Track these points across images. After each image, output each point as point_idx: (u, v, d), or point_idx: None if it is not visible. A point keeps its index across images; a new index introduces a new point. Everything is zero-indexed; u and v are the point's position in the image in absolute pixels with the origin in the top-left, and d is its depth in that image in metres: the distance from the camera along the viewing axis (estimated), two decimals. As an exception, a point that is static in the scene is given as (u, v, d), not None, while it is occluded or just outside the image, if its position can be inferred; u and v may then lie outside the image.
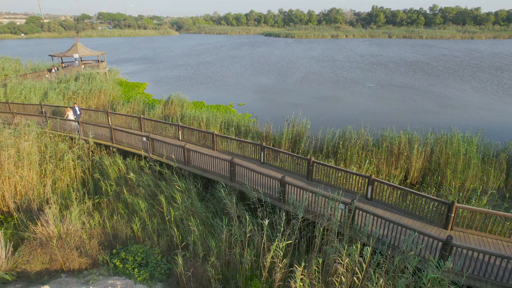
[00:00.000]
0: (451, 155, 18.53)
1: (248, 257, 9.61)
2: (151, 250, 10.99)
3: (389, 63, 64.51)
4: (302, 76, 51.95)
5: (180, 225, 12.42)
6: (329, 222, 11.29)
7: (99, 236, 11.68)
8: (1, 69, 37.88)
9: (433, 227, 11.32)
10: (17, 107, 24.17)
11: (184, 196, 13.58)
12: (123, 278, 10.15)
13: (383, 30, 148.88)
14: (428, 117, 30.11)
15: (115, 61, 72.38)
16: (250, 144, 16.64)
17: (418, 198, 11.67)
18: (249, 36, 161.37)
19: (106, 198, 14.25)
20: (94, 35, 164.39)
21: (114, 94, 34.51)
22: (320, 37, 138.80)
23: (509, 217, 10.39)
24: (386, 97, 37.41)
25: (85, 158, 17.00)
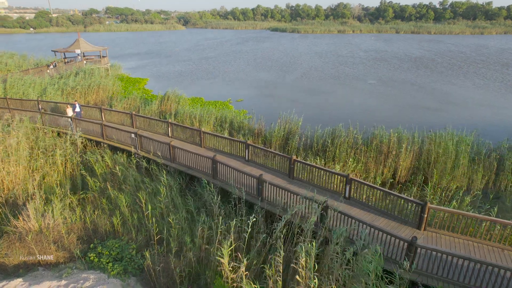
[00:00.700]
0: (441, 154, 18.45)
1: (216, 253, 9.79)
2: (127, 245, 11.26)
3: (393, 59, 63.81)
4: (303, 72, 51.75)
5: (160, 220, 12.66)
6: (304, 220, 11.44)
7: (79, 230, 11.99)
8: (4, 64, 38.52)
9: (407, 227, 11.37)
10: (14, 102, 24.64)
11: (166, 192, 13.81)
12: (97, 272, 10.44)
13: (390, 25, 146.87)
14: (426, 114, 29.84)
15: (120, 56, 72.94)
16: (236, 141, 16.78)
17: (393, 198, 11.70)
18: (255, 31, 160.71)
19: (91, 194, 14.56)
20: (102, 29, 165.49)
21: (113, 90, 34.91)
22: (326, 32, 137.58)
23: (479, 218, 10.39)
24: (385, 94, 37.13)
25: (75, 154, 17.34)
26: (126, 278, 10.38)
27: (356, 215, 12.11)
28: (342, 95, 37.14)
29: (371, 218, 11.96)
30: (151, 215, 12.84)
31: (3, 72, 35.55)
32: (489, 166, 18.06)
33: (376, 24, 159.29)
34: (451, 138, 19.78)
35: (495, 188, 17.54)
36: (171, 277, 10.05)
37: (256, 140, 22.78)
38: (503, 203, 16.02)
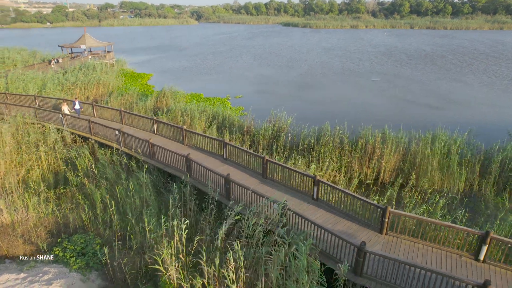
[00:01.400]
0: (426, 156, 18.12)
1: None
2: (92, 240, 11.59)
3: (402, 55, 62.51)
4: (308, 68, 51.33)
5: (131, 216, 12.93)
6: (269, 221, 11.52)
7: (50, 225, 12.39)
8: (11, 60, 39.62)
9: (369, 231, 11.29)
10: (13, 97, 25.40)
11: (139, 189, 14.08)
12: (60, 266, 10.81)
13: (405, 21, 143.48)
14: (424, 113, 29.24)
15: (129, 50, 73.87)
16: (214, 140, 16.90)
17: (357, 201, 11.62)
18: (267, 26, 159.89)
19: (70, 189, 14.97)
20: (115, 24, 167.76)
21: (113, 85, 35.48)
22: (339, 28, 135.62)
23: (437, 224, 10.23)
24: (386, 92, 36.52)
25: (61, 149, 17.80)
26: (88, 272, 10.70)
27: (321, 217, 12.13)
28: (342, 92, 36.71)
29: (335, 220, 11.92)
30: (124, 211, 13.17)
31: (9, 67, 36.61)
32: (472, 169, 17.64)
33: (390, 19, 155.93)
34: (439, 139, 19.40)
35: (479, 192, 17.12)
36: (128, 273, 10.32)
37: (244, 137, 22.85)
38: (479, 207, 15.66)
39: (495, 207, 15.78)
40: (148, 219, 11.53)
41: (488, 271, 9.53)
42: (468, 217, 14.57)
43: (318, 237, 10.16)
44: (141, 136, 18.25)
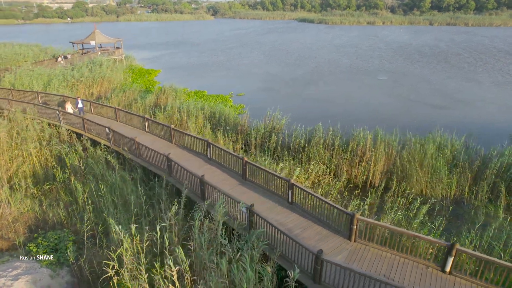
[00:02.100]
0: (415, 160, 17.63)
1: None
2: (66, 237, 11.87)
3: (415, 52, 60.83)
4: (315, 66, 50.71)
5: (107, 214, 13.16)
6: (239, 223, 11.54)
7: (29, 220, 12.78)
8: (23, 56, 40.81)
9: (339, 237, 11.11)
10: (18, 93, 26.20)
11: (125, 187, 14.30)
12: (32, 261, 11.13)
13: (424, 17, 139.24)
14: (426, 114, 28.43)
15: (142, 45, 74.83)
16: (199, 139, 16.96)
17: (328, 206, 11.44)
18: (282, 22, 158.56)
19: (56, 185, 15.36)
20: (133, 19, 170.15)
21: (118, 82, 36.07)
22: (355, 24, 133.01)
23: (404, 233, 9.96)
24: (392, 91, 35.69)
25: (55, 145, 18.27)
26: (58, 268, 10.98)
27: (293, 221, 12.02)
28: (346, 91, 36.10)
29: (307, 224, 11.79)
30: (101, 208, 13.43)
31: (20, 63, 37.74)
32: (463, 175, 17.07)
33: (410, 15, 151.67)
34: (432, 142, 18.86)
35: (471, 199, 16.54)
36: (88, 271, 10.51)
37: (238, 137, 22.83)
38: (468, 215, 15.16)
39: (487, 215, 15.22)
40: (119, 217, 11.72)
41: (453, 284, 9.24)
42: (456, 225, 14.18)
43: (281, 241, 10.08)
44: (130, 134, 18.55)
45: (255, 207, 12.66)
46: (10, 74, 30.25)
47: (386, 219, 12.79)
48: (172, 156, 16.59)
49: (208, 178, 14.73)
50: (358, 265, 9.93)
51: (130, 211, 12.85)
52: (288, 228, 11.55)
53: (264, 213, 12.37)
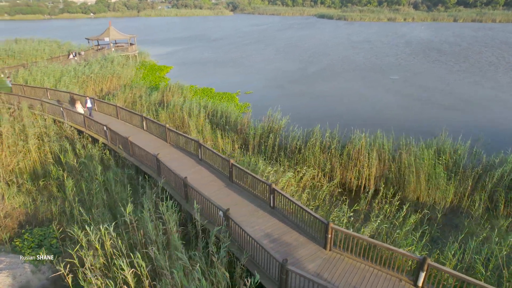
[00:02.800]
0: (412, 166, 17.11)
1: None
2: (51, 233, 12.25)
3: (433, 51, 58.85)
4: (329, 63, 49.96)
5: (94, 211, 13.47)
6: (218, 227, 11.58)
7: (21, 216, 13.25)
8: (40, 52, 42.14)
9: (314, 245, 10.96)
10: (30, 90, 27.11)
11: (117, 185, 14.59)
12: (17, 257, 11.55)
13: (449, 13, 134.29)
14: (436, 116, 27.50)
15: (158, 41, 75.83)
16: (190, 140, 17.07)
17: (305, 213, 11.31)
18: (301, 18, 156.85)
19: (50, 181, 15.86)
20: (153, 14, 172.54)
21: (128, 78, 36.73)
22: (375, 20, 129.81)
23: (378, 245, 9.72)
24: (402, 92, 34.73)
25: (55, 141, 18.85)
26: (40, 264, 11.35)
27: (272, 226, 11.95)
28: (355, 90, 35.41)
29: (285, 230, 11.70)
30: (89, 206, 13.78)
31: (37, 59, 39.02)
32: (463, 182, 16.46)
33: (433, 11, 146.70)
34: (433, 147, 18.26)
35: (469, 208, 15.93)
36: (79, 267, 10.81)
37: (238, 136, 22.85)
38: (462, 225, 14.62)
39: (483, 227, 14.64)
40: (102, 217, 11.98)
41: (425, 300, 8.97)
42: (448, 235, 13.72)
43: (252, 247, 10.06)
44: (129, 132, 18.93)
45: (237, 210, 12.75)
46: (24, 70, 31.30)
47: (370, 227, 12.53)
48: (165, 156, 16.88)
49: (197, 179, 14.90)
50: (329, 275, 9.79)
51: (114, 210, 13.11)
52: (266, 233, 11.51)
53: (245, 216, 12.39)
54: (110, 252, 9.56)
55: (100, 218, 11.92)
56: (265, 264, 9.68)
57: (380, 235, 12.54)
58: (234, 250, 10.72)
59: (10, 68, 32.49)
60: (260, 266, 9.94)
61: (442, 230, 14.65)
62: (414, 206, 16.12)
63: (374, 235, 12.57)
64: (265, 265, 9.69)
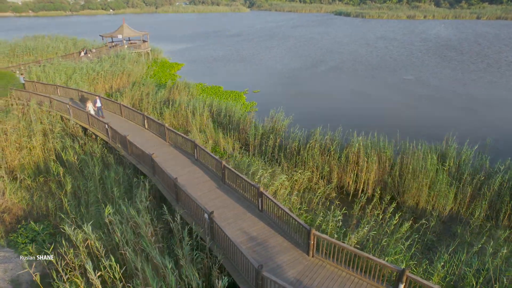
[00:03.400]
0: (413, 170, 16.73)
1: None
2: (45, 229, 12.64)
3: (451, 50, 57.12)
4: (339, 62, 49.27)
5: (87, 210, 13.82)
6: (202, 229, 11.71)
7: (19, 211, 13.73)
8: (56, 48, 43.25)
9: (298, 251, 10.91)
10: (42, 86, 27.89)
11: (113, 184, 14.92)
12: (12, 251, 12.00)
13: (472, 10, 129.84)
14: (445, 119, 26.75)
15: (173, 38, 76.58)
16: (187, 140, 17.20)
17: (289, 218, 11.25)
18: (318, 15, 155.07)
19: (49, 178, 16.33)
20: (170, 11, 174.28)
21: (139, 75, 37.27)
22: (394, 18, 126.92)
23: (357, 253, 9.58)
24: (414, 93, 33.88)
25: (59, 138, 19.37)
26: (34, 259, 11.73)
27: (258, 230, 11.96)
28: (364, 91, 34.81)
29: (270, 234, 11.68)
30: (85, 204, 14.12)
31: (51, 55, 40.08)
32: (464, 189, 15.99)
33: (456, 8, 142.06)
34: (433, 152, 17.79)
35: (468, 216, 15.47)
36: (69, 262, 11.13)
37: (240, 136, 22.90)
38: (457, 233, 14.22)
39: (478, 236, 14.21)
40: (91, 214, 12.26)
41: (403, 312, 8.80)
42: (444, 244, 13.41)
43: (232, 251, 10.10)
44: (130, 130, 19.27)
45: (226, 212, 12.83)
46: (37, 67, 32.22)
47: (358, 233, 12.35)
48: (163, 155, 17.12)
49: (190, 179, 15.06)
50: (309, 281, 9.73)
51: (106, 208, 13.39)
52: (251, 237, 11.53)
53: (232, 219, 12.45)
54: (92, 251, 9.79)
55: (91, 217, 12.20)
56: (243, 269, 9.72)
57: (369, 242, 12.35)
58: (218, 252, 10.79)
59: (25, 65, 33.51)
60: (240, 270, 9.97)
61: (438, 239, 14.32)
62: (412, 212, 15.80)
63: (362, 242, 12.40)
64: (243, 270, 9.72)
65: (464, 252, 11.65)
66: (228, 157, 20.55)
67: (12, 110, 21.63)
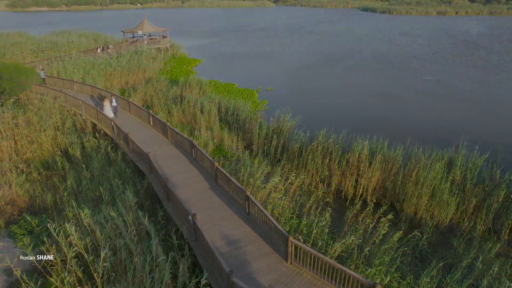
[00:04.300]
0: (414, 178, 16.23)
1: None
2: (43, 222, 13.26)
3: (480, 49, 54.45)
4: (359, 60, 48.17)
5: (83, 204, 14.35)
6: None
7: (23, 203, 14.49)
8: (75, 44, 44.80)
9: (277, 257, 10.90)
10: (60, 81, 29.09)
11: (112, 180, 15.45)
12: (11, 241, 12.71)
13: (509, 6, 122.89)
14: (461, 124, 25.65)
15: (195, 33, 77.44)
16: (186, 139, 17.44)
17: (271, 224, 11.24)
18: (344, 10, 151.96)
19: (54, 172, 17.07)
20: (196, 5, 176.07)
21: (155, 72, 38.02)
22: (423, 14, 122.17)
23: (332, 264, 9.46)
24: (432, 95, 32.70)
25: (68, 133, 20.19)
26: (30, 250, 12.39)
27: (241, 233, 12.03)
28: (380, 91, 33.91)
29: (252, 239, 11.73)
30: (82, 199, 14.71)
31: (73, 50, 41.55)
32: (467, 200, 15.35)
33: (492, 3, 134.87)
34: (440, 159, 17.17)
35: (467, 228, 14.85)
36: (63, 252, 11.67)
37: (245, 136, 22.97)
38: (455, 247, 13.69)
39: (479, 249, 13.66)
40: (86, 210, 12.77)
41: (373, 326, 8.64)
42: (439, 256, 13.02)
43: (210, 252, 10.25)
44: (135, 128, 19.83)
45: (213, 214, 13.01)
46: (58, 62, 33.57)
47: (347, 241, 12.13)
48: (163, 153, 17.51)
49: (185, 178, 15.34)
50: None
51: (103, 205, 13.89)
52: (234, 240, 11.63)
53: (218, 221, 12.60)
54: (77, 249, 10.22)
55: (84, 213, 12.69)
56: (218, 272, 9.85)
57: (355, 251, 12.15)
58: (197, 253, 10.99)
59: (47, 60, 34.98)
60: (215, 273, 10.11)
61: (433, 250, 13.87)
62: (409, 221, 15.40)
63: (348, 250, 12.21)
64: (218, 273, 9.86)
65: (457, 267, 11.23)
66: (230, 156, 20.70)
67: (28, 104, 22.67)
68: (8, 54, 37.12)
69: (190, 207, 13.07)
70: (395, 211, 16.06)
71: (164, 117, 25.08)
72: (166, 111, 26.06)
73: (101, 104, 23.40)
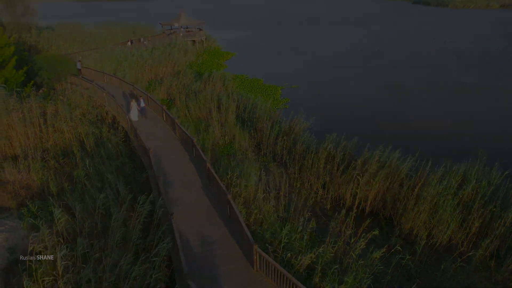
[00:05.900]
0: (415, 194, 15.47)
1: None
2: (47, 207, 14.57)
3: (538, 50, 49.26)
4: (394, 58, 45.79)
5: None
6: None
7: (36, 188, 15.99)
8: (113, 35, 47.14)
9: (247, 263, 11.10)
10: (93, 73, 31.04)
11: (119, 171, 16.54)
12: (19, 222, 14.15)
13: None
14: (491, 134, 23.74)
15: (235, 24, 78.05)
16: (188, 137, 17.97)
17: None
18: (394, 3, 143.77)
19: (69, 160, 18.51)
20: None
21: (184, 64, 39.14)
22: (483, 7, 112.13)
23: (289, 278, 9.47)
24: (462, 102, 30.43)
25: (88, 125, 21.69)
26: (33, 232, 13.73)
27: (217, 235, 12.37)
28: (407, 96, 32.18)
29: (229, 242, 11.99)
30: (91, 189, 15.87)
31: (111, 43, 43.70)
32: (471, 220, 14.38)
33: None
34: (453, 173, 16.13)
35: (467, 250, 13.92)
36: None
37: (257, 134, 23.09)
38: (450, 272, 12.94)
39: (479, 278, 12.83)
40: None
41: None
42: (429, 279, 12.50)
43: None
44: (146, 122, 20.80)
45: (196, 214, 13.63)
46: (94, 53, 35.78)
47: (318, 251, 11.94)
48: (167, 149, 18.30)
49: (182, 176, 16.01)
50: (243, 296, 9.96)
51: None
52: (210, 242, 11.98)
53: (200, 221, 13.07)
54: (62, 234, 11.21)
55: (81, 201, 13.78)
56: (180, 272, 10.29)
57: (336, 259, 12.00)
58: (172, 252, 11.54)
59: (84, 52, 37.31)
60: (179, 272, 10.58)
61: (423, 270, 13.24)
62: (404, 237, 14.76)
63: (322, 261, 11.98)
64: (180, 273, 10.30)
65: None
66: (238, 154, 20.95)
67: (60, 95, 24.58)
68: (54, 45, 40.18)
69: (179, 206, 13.67)
70: (391, 224, 15.50)
71: (182, 111, 25.94)
72: (185, 106, 26.86)
73: (127, 96, 24.74)
